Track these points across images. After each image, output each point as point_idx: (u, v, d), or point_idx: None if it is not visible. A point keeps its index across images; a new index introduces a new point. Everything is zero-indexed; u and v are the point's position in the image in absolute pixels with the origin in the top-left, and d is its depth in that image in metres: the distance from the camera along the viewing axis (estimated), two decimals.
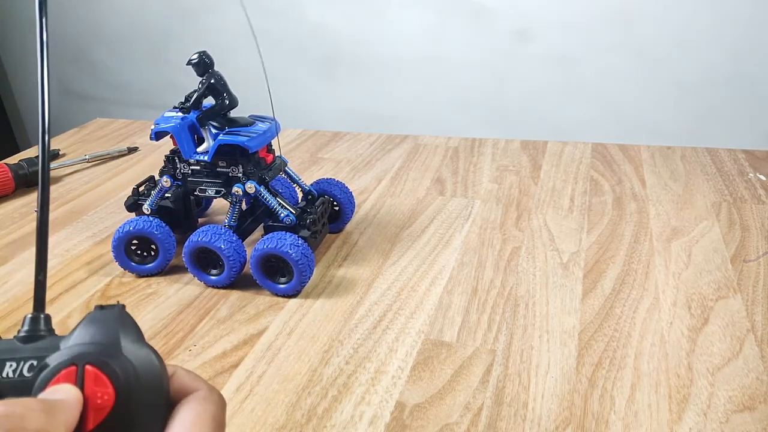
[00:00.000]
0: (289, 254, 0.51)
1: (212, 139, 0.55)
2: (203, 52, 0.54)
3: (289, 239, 0.51)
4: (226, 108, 0.54)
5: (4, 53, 1.90)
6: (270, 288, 0.53)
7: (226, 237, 0.53)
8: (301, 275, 0.52)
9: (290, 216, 0.55)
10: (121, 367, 0.21)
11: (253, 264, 0.53)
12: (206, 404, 0.23)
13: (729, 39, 1.22)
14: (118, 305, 0.23)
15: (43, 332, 0.23)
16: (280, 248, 0.51)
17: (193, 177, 0.56)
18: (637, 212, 0.66)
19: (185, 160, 0.56)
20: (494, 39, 1.37)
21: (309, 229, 0.55)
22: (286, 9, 1.50)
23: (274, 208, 0.55)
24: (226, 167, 0.55)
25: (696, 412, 0.40)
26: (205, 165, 0.56)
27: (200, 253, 0.54)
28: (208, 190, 0.56)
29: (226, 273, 0.53)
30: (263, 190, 0.55)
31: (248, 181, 0.54)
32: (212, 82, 0.54)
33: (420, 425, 0.40)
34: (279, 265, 0.52)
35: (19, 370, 0.22)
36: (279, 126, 0.57)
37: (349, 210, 0.63)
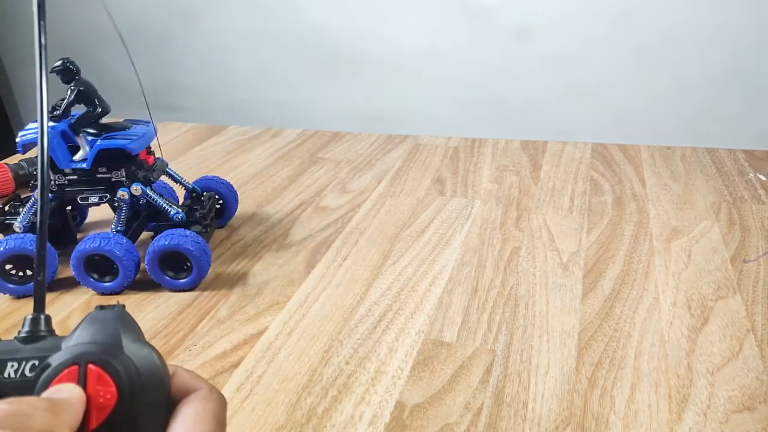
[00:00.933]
0: (189, 249, 0.52)
1: (89, 145, 0.54)
2: (67, 59, 0.53)
3: (185, 234, 0.52)
4: (99, 115, 0.54)
5: (4, 53, 1.90)
6: (169, 285, 0.54)
7: (116, 240, 0.52)
8: (200, 267, 0.53)
9: (180, 214, 0.56)
10: (124, 366, 0.21)
11: (150, 263, 0.53)
12: (207, 403, 0.23)
13: (729, 39, 1.22)
14: (119, 305, 0.23)
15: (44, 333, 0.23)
16: (180, 244, 0.52)
17: (71, 187, 0.55)
18: (637, 212, 0.66)
19: (60, 171, 0.54)
20: (494, 39, 1.37)
21: (200, 224, 0.56)
22: (286, 9, 1.50)
23: (163, 207, 0.55)
24: (107, 173, 0.54)
25: (696, 412, 0.40)
26: (83, 173, 0.54)
27: (91, 260, 0.53)
28: (91, 197, 0.55)
29: (121, 277, 0.53)
30: (149, 191, 0.55)
31: (133, 184, 0.54)
32: (81, 89, 0.53)
33: (420, 425, 0.40)
34: (177, 261, 0.53)
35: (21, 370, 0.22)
36: (156, 128, 0.57)
37: (234, 204, 0.65)
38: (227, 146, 0.91)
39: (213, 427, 0.22)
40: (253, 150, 0.89)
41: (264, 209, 0.70)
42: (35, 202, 0.56)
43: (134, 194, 0.54)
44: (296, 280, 0.56)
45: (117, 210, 0.55)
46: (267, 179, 0.79)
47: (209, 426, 0.22)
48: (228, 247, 0.62)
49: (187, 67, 1.65)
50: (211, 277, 0.57)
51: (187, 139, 0.95)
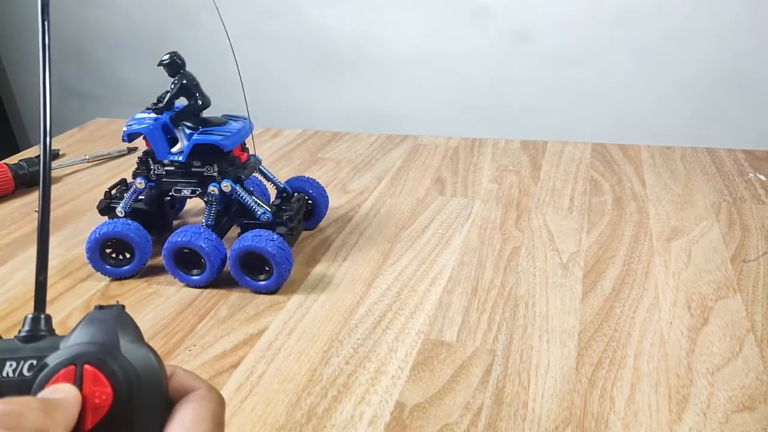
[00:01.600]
0: (268, 251, 0.51)
1: (186, 139, 0.55)
2: (174, 53, 0.55)
3: (267, 236, 0.52)
4: (199, 108, 0.55)
5: (4, 53, 1.90)
6: (249, 285, 0.54)
7: (206, 236, 0.53)
8: (280, 271, 0.52)
9: (267, 213, 0.55)
10: (120, 367, 0.21)
11: (233, 262, 0.53)
12: (206, 403, 0.23)
13: (729, 39, 1.22)
14: (118, 305, 0.23)
15: (44, 332, 0.23)
16: (259, 245, 0.51)
17: (168, 178, 0.56)
18: (637, 212, 0.66)
19: (159, 161, 0.56)
20: (494, 39, 1.37)
21: (286, 225, 0.55)
22: (285, 9, 1.50)
23: (251, 206, 0.55)
24: (200, 167, 0.55)
25: (696, 412, 0.40)
26: (179, 165, 0.56)
27: (181, 253, 0.54)
28: (184, 190, 0.56)
29: (208, 272, 0.53)
30: (239, 188, 0.55)
31: (224, 180, 0.55)
32: (184, 83, 0.55)
33: (420, 425, 0.40)
34: (258, 262, 0.53)
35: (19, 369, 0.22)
36: (252, 125, 0.58)
37: (324, 207, 0.63)
38: None
39: (211, 427, 0.22)
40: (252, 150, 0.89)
41: None
42: (136, 189, 0.57)
43: (224, 190, 0.55)
44: (296, 280, 0.56)
45: (207, 204, 0.56)
46: None
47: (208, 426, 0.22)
48: (228, 247, 0.62)
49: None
50: None
51: None
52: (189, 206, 0.70)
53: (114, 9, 1.67)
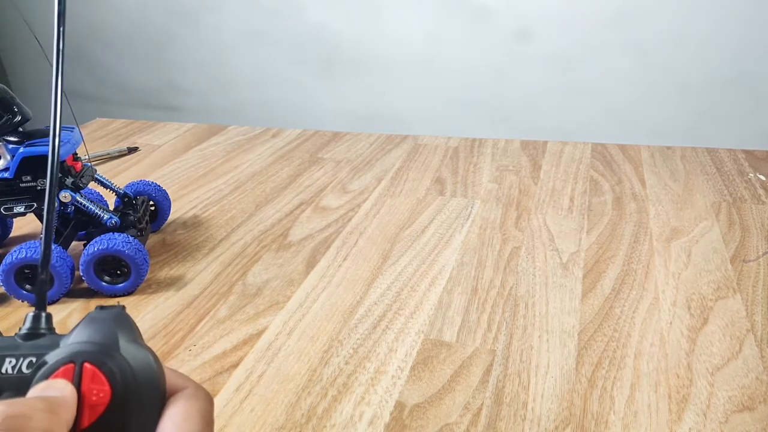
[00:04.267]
0: (125, 252, 0.51)
1: (10, 154, 0.52)
2: None
3: (122, 238, 0.52)
4: (17, 123, 0.52)
5: (4, 53, 1.90)
6: (105, 290, 0.53)
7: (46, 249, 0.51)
8: (138, 272, 0.52)
9: (113, 218, 0.54)
10: (118, 367, 0.21)
11: (86, 268, 0.52)
12: (194, 401, 0.23)
13: (729, 39, 1.22)
14: (118, 306, 0.24)
15: (44, 330, 0.23)
16: (116, 247, 0.51)
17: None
18: (636, 212, 0.66)
19: None
20: (494, 39, 1.37)
21: (136, 227, 0.55)
22: (286, 9, 1.50)
23: (95, 213, 0.54)
24: (31, 181, 0.53)
25: (696, 412, 0.40)
26: (7, 183, 0.53)
27: (22, 272, 0.51)
28: (16, 207, 0.53)
29: (57, 286, 0.52)
30: (79, 197, 0.54)
31: (61, 191, 0.53)
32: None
33: (420, 425, 0.40)
34: (113, 265, 0.52)
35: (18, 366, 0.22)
36: (82, 134, 0.56)
37: (167, 208, 0.65)
38: (227, 146, 0.91)
39: (201, 425, 0.22)
40: (252, 150, 0.89)
41: (264, 209, 0.70)
42: None
43: (63, 201, 0.53)
44: (296, 280, 0.56)
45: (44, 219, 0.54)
46: (267, 179, 0.79)
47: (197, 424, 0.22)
48: (227, 247, 0.62)
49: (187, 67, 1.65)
50: (210, 277, 0.57)
51: (187, 139, 0.95)
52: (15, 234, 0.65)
53: (114, 9, 1.67)
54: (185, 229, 0.67)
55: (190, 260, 0.60)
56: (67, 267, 0.52)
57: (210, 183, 0.78)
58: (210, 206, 0.72)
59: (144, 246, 0.54)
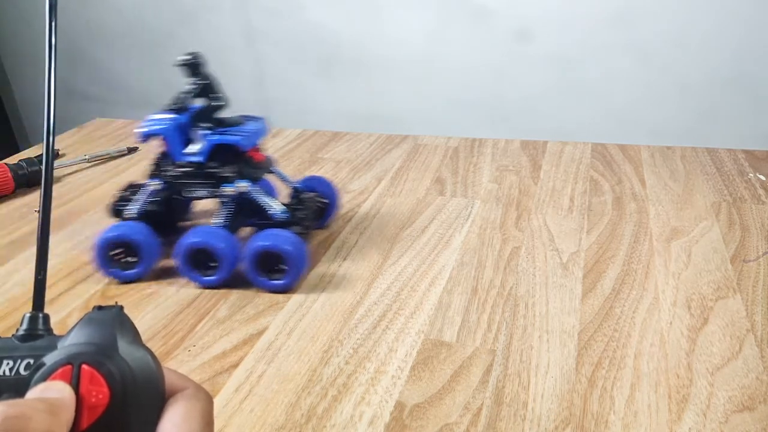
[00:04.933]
0: (287, 250, 0.51)
1: (204, 139, 0.55)
2: (194, 53, 0.54)
3: (284, 235, 0.52)
4: (217, 109, 0.54)
5: (4, 53, 1.90)
6: (264, 285, 0.53)
7: (222, 236, 0.53)
8: (297, 270, 0.52)
9: (282, 213, 0.55)
10: (117, 368, 0.21)
11: (248, 261, 0.53)
12: (195, 401, 0.23)
13: (729, 39, 1.22)
14: (117, 306, 0.23)
15: (42, 331, 0.23)
16: (277, 244, 0.51)
17: (183, 179, 0.56)
18: (636, 212, 0.66)
19: (174, 162, 0.56)
20: (494, 39, 1.37)
21: (300, 225, 0.55)
22: (286, 9, 1.50)
23: (266, 206, 0.55)
24: (217, 167, 0.55)
25: (696, 412, 0.40)
26: (196, 166, 0.55)
27: (195, 254, 0.53)
28: (199, 191, 0.56)
29: (222, 272, 0.53)
30: (255, 188, 0.55)
31: (240, 181, 0.55)
32: (203, 83, 0.54)
33: (420, 425, 0.40)
34: (273, 261, 0.52)
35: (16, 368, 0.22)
36: (268, 125, 0.58)
37: (334, 206, 0.64)
38: None
39: (201, 425, 0.22)
40: None
41: None
42: (151, 192, 0.57)
43: (240, 191, 0.54)
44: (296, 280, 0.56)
45: (222, 205, 0.55)
46: None
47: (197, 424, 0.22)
48: None
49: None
50: None
51: None
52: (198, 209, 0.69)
53: (114, 9, 1.67)
54: None
55: None
56: (233, 256, 0.53)
57: None
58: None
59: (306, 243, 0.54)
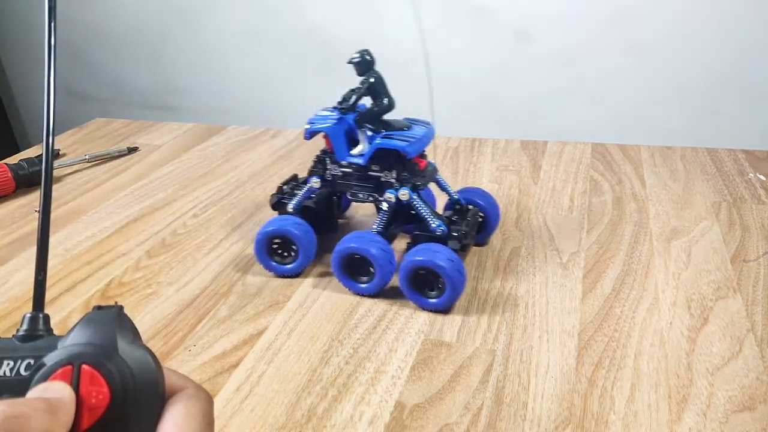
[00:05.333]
0: (443, 268, 0.48)
1: (368, 142, 0.53)
2: (365, 51, 0.53)
3: (443, 252, 0.48)
4: (385, 110, 0.52)
5: (4, 53, 1.90)
6: (418, 302, 0.51)
7: (379, 244, 0.51)
8: (453, 290, 0.48)
9: (442, 227, 0.51)
10: (117, 368, 0.21)
11: (403, 276, 0.50)
12: (195, 401, 0.23)
13: (729, 39, 1.22)
14: (116, 306, 0.23)
15: (42, 332, 0.23)
16: (434, 261, 0.48)
17: (344, 180, 0.55)
18: (636, 212, 0.66)
19: (337, 162, 0.55)
20: (494, 39, 1.37)
21: (459, 241, 0.51)
22: (286, 9, 1.50)
23: (426, 217, 0.52)
24: (379, 171, 0.53)
25: (696, 412, 0.40)
26: (357, 168, 0.54)
27: (350, 259, 0.52)
28: (359, 194, 0.55)
29: (377, 281, 0.51)
30: (416, 197, 0.52)
31: (401, 188, 0.52)
32: (373, 83, 0.52)
33: (420, 425, 0.40)
34: (429, 278, 0.49)
35: (17, 368, 0.22)
36: (434, 131, 0.54)
37: (494, 222, 0.59)
38: (227, 146, 0.91)
39: (202, 425, 0.22)
40: (252, 150, 0.89)
41: (264, 209, 0.70)
42: (311, 189, 0.56)
43: (401, 198, 0.52)
44: (296, 280, 0.56)
45: (380, 211, 0.53)
46: (267, 179, 0.79)
47: (198, 424, 0.22)
48: (227, 247, 0.62)
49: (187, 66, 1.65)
50: (210, 277, 0.57)
51: (187, 139, 0.95)
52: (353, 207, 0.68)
53: (113, 9, 1.67)
54: (185, 229, 0.67)
55: (190, 260, 0.60)
56: (390, 267, 0.51)
57: (210, 183, 0.78)
58: (210, 206, 0.72)
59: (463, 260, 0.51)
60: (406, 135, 0.51)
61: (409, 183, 0.52)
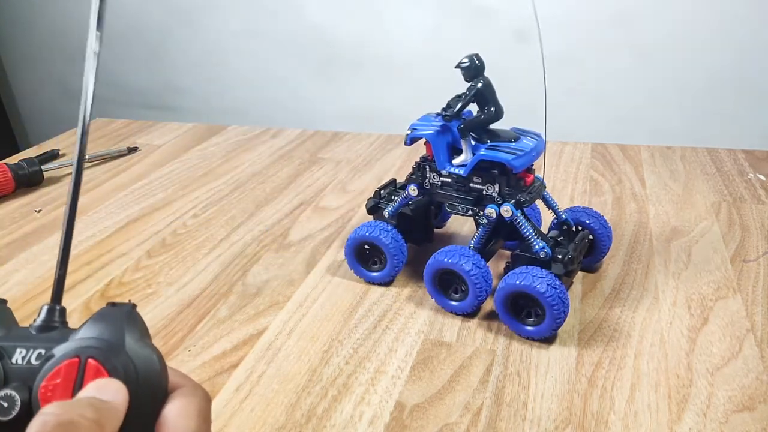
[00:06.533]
0: (544, 294, 0.44)
1: (471, 152, 0.50)
2: (475, 55, 0.50)
3: (544, 277, 0.45)
4: (492, 119, 0.49)
5: (4, 53, 1.90)
6: (515, 329, 0.47)
7: (474, 261, 0.48)
8: (554, 319, 0.45)
9: (545, 249, 0.47)
10: (122, 364, 0.22)
11: (499, 299, 0.47)
12: (192, 398, 0.23)
13: (729, 39, 1.22)
14: (129, 304, 0.24)
15: (56, 323, 0.24)
16: (534, 286, 0.44)
17: (443, 189, 0.52)
18: (636, 212, 0.66)
19: (437, 171, 0.51)
20: (494, 39, 1.37)
21: (565, 266, 0.47)
22: (286, 9, 1.50)
23: (529, 237, 0.48)
24: (480, 184, 0.49)
25: (695, 412, 0.40)
26: (458, 179, 0.50)
27: (443, 274, 0.50)
28: (458, 206, 0.51)
29: (470, 300, 0.48)
30: (520, 215, 0.48)
31: (504, 204, 0.48)
32: (480, 88, 0.49)
33: (420, 425, 0.40)
34: (527, 304, 0.46)
35: (28, 357, 0.22)
36: (544, 144, 0.50)
37: (606, 242, 0.54)
38: (227, 146, 0.91)
39: (198, 422, 0.22)
40: (252, 150, 0.89)
41: (264, 209, 0.70)
42: (408, 197, 0.53)
43: (503, 215, 0.48)
44: (296, 280, 0.56)
45: (479, 225, 0.50)
46: (267, 179, 0.79)
47: (194, 421, 0.22)
48: (227, 247, 0.62)
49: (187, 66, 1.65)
50: (210, 277, 0.57)
51: (187, 139, 0.95)
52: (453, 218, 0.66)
53: (113, 9, 1.67)
54: (185, 229, 0.67)
55: (190, 260, 0.60)
56: (485, 287, 0.48)
57: (210, 183, 0.78)
58: (210, 206, 0.72)
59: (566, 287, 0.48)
60: (513, 147, 0.48)
61: (512, 199, 0.48)
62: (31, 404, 0.21)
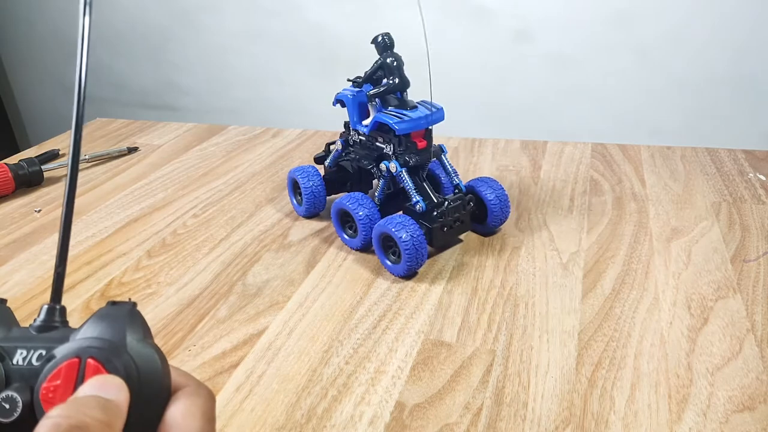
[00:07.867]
0: (401, 239, 0.53)
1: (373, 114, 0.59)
2: (386, 34, 0.58)
3: (406, 225, 0.53)
4: (393, 89, 0.57)
5: (4, 53, 1.90)
6: (382, 262, 0.57)
7: (364, 204, 0.57)
8: (407, 262, 0.53)
9: (420, 203, 0.56)
10: (123, 364, 0.22)
11: (375, 236, 0.56)
12: (196, 398, 0.23)
13: (729, 39, 1.22)
14: (130, 303, 0.24)
15: (57, 323, 0.24)
16: (395, 232, 0.53)
17: (353, 147, 0.63)
18: (636, 212, 0.66)
19: (353, 129, 0.62)
20: (494, 39, 1.37)
21: (433, 219, 0.56)
22: (286, 9, 1.50)
23: (409, 191, 0.57)
24: (382, 143, 0.59)
25: (696, 412, 0.40)
26: (368, 138, 0.60)
27: (344, 215, 0.60)
28: (363, 161, 0.61)
29: (359, 238, 0.58)
30: (404, 172, 0.57)
31: (392, 161, 0.57)
32: (385, 62, 0.57)
33: (420, 425, 0.40)
34: (392, 244, 0.55)
35: (29, 358, 0.22)
36: (442, 115, 0.58)
37: (499, 212, 0.60)
38: (227, 146, 0.91)
39: (202, 422, 0.22)
40: (253, 150, 0.89)
41: (264, 209, 0.70)
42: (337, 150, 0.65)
43: (390, 170, 0.57)
44: (296, 280, 0.56)
45: (380, 180, 0.60)
46: (267, 179, 0.79)
47: (198, 421, 0.22)
48: (227, 247, 0.62)
49: (187, 67, 1.65)
50: (210, 277, 0.57)
51: (187, 139, 0.95)
52: None
53: (114, 9, 1.67)
54: (185, 229, 0.67)
55: (190, 260, 0.60)
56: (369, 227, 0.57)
57: (210, 183, 0.78)
58: (210, 206, 0.72)
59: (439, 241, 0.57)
60: (404, 113, 0.56)
61: (400, 158, 0.57)
62: (33, 405, 0.21)
